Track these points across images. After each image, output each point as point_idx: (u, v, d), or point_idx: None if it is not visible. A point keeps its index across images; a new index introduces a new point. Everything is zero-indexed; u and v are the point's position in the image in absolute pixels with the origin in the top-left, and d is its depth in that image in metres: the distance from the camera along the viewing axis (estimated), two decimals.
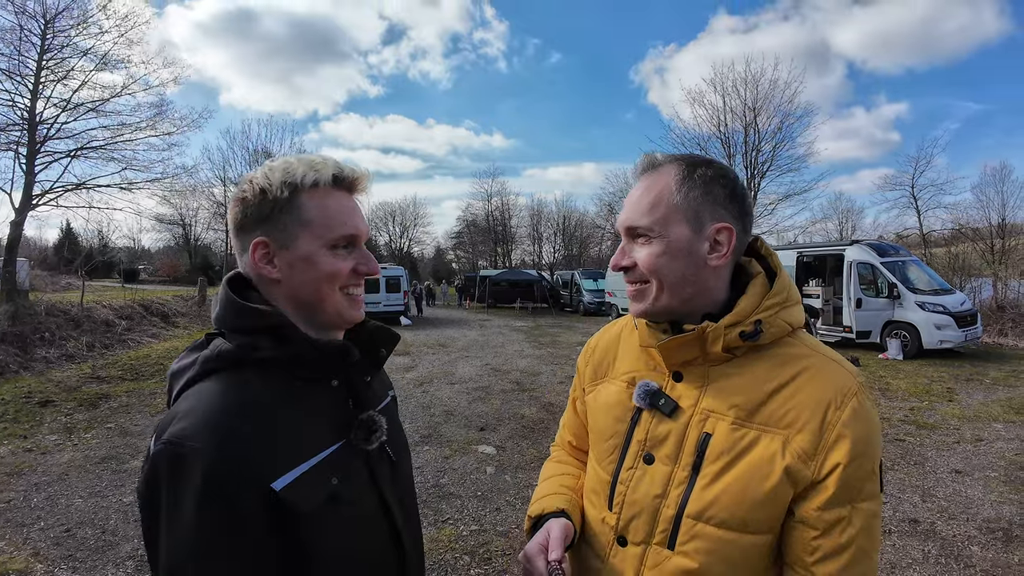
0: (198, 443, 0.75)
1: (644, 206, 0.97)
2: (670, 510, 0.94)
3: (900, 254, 13.51)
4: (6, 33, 14.31)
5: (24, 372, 10.17)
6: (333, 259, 0.92)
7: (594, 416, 1.13)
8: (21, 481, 5.18)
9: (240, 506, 0.76)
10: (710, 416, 0.94)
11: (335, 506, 0.86)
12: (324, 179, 0.93)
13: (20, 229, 15.52)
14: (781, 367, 0.94)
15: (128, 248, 49.76)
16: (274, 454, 0.81)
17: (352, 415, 0.95)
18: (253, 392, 0.85)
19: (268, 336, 0.87)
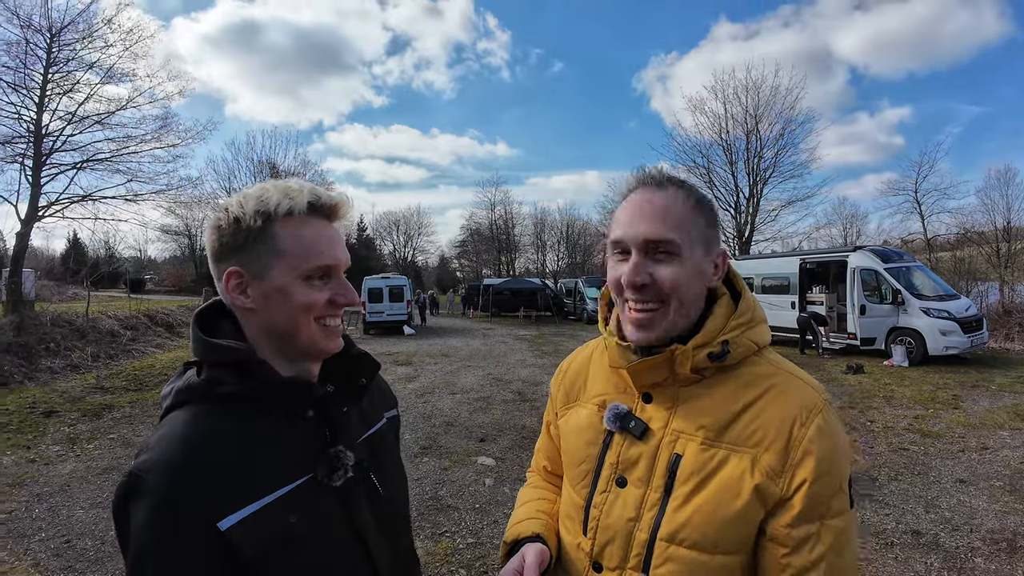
0: (152, 479, 0.76)
1: (670, 222, 0.92)
2: (643, 534, 0.93)
3: (904, 259, 13.45)
4: (11, 46, 14.49)
5: (29, 382, 10.22)
6: (308, 290, 0.89)
7: (567, 440, 1.12)
8: (23, 492, 5.20)
9: (182, 544, 0.76)
10: (680, 437, 0.94)
11: (291, 546, 0.82)
12: (299, 207, 0.90)
13: (26, 240, 15.65)
14: (748, 386, 0.94)
15: (134, 258, 50.06)
16: (225, 492, 0.79)
17: (324, 449, 0.91)
18: (215, 427, 0.84)
19: (232, 371, 0.86)
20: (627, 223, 0.94)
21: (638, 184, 0.98)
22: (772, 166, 26.97)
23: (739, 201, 27.69)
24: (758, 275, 15.96)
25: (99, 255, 38.92)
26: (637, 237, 0.93)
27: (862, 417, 7.33)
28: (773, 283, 15.49)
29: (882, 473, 5.23)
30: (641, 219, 0.93)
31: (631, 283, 0.93)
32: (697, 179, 28.36)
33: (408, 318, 22.73)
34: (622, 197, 1.00)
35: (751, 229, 27.10)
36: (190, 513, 0.76)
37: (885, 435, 6.48)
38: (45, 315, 13.53)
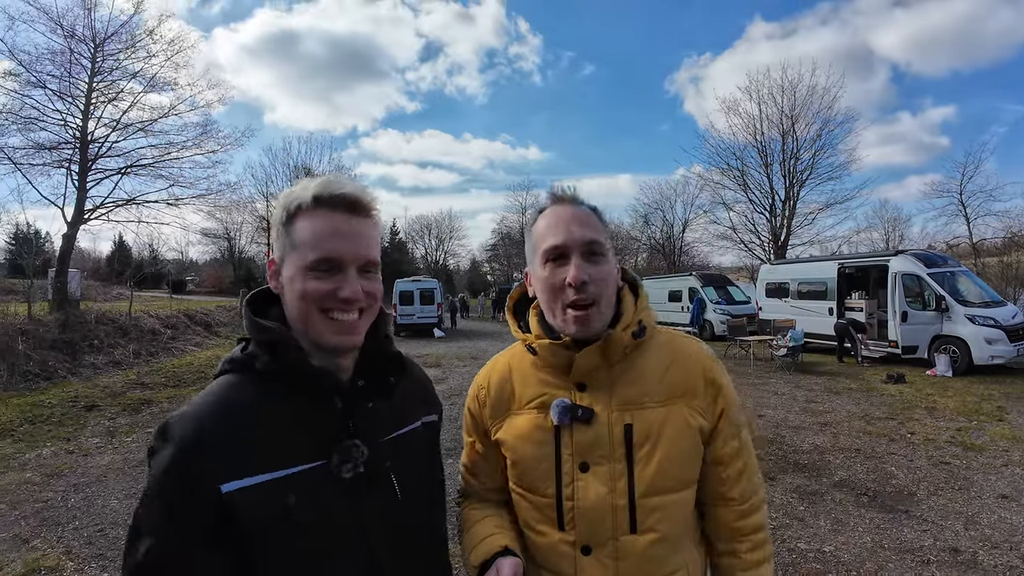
0: (176, 430, 0.84)
1: (593, 228, 1.10)
2: (621, 500, 1.05)
3: (948, 264, 12.91)
4: (56, 56, 15.18)
5: (72, 377, 10.62)
6: (310, 281, 0.91)
7: (515, 449, 1.15)
8: (61, 482, 5.41)
9: (182, 493, 0.81)
10: (626, 409, 1.08)
11: (286, 522, 0.85)
12: (305, 201, 0.93)
13: (72, 242, 16.33)
14: (661, 351, 1.14)
15: (176, 260, 51.62)
16: (236, 457, 0.84)
17: (342, 439, 0.93)
18: (243, 397, 0.90)
19: (267, 349, 0.91)
20: (564, 230, 1.08)
21: (555, 201, 1.15)
22: (809, 168, 26.30)
23: (774, 204, 27.06)
24: (794, 280, 15.58)
25: (143, 257, 40.25)
26: (576, 241, 1.07)
27: (902, 429, 7.06)
28: (810, 288, 15.09)
29: (921, 488, 5.02)
30: (575, 227, 1.08)
31: (576, 279, 1.04)
32: (731, 181, 27.94)
33: (438, 321, 22.92)
34: (537, 214, 1.16)
35: (787, 233, 26.46)
36: (197, 468, 0.82)
37: (925, 448, 6.24)
38: (90, 313, 14.08)
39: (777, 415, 7.90)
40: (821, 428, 7.17)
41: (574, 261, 1.06)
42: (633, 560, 1.06)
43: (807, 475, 5.41)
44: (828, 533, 4.15)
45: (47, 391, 9.54)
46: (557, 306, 1.09)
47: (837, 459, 5.89)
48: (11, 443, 6.72)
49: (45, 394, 9.28)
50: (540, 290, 1.13)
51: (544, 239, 1.10)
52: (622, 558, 1.06)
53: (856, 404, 8.54)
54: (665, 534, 1.07)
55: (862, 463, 5.74)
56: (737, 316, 16.47)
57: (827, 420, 7.56)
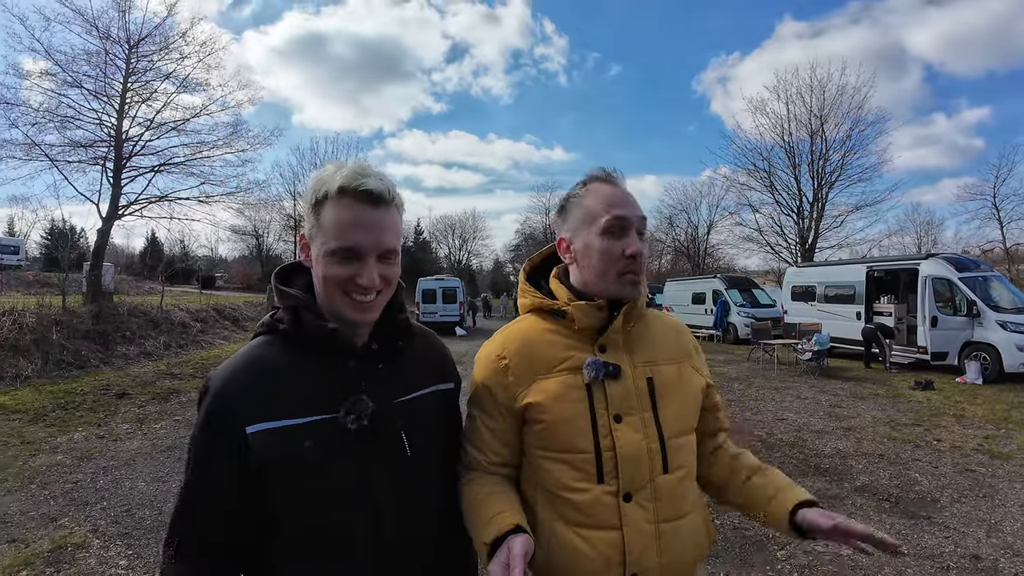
0: (213, 383, 1.02)
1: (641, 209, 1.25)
2: (654, 444, 1.18)
3: (981, 269, 12.52)
4: (92, 56, 15.61)
5: (104, 367, 10.96)
6: (331, 265, 1.01)
7: (550, 410, 1.18)
8: (90, 464, 5.60)
9: (217, 434, 0.99)
10: (645, 365, 1.24)
11: (299, 465, 0.98)
12: (331, 190, 1.01)
13: (106, 237, 16.79)
14: (659, 322, 1.34)
15: (206, 256, 52.76)
16: (260, 404, 0.99)
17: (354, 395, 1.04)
18: (270, 355, 1.04)
19: (289, 313, 1.05)
20: (629, 206, 1.22)
21: (607, 179, 1.26)
22: (838, 169, 25.79)
23: (802, 206, 26.61)
24: (821, 283, 15.31)
25: (174, 253, 41.28)
26: (637, 217, 1.22)
27: (928, 436, 6.90)
28: (837, 292, 14.81)
29: (944, 495, 4.91)
30: (631, 204, 1.23)
31: (637, 251, 1.19)
32: (758, 183, 27.52)
33: (460, 319, 23.07)
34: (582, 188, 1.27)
35: (815, 235, 25.97)
36: (229, 411, 0.99)
37: (951, 455, 6.09)
38: (123, 306, 14.50)
39: (800, 419, 7.79)
40: (845, 433, 7.05)
41: (633, 235, 1.21)
42: (667, 499, 1.18)
43: (828, 479, 5.33)
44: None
45: (80, 379, 9.86)
46: (612, 272, 1.21)
47: (860, 464, 5.78)
48: (43, 427, 6.97)
49: (78, 382, 9.60)
50: (597, 258, 1.22)
51: (608, 210, 1.20)
52: (659, 498, 1.17)
53: (882, 410, 8.37)
54: (688, 471, 1.24)
55: (885, 468, 5.63)
56: (762, 319, 16.26)
57: (851, 425, 7.42)
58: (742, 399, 9.16)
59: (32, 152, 15.18)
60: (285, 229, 42.91)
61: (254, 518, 1.00)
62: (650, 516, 1.16)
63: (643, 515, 1.15)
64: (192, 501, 1.01)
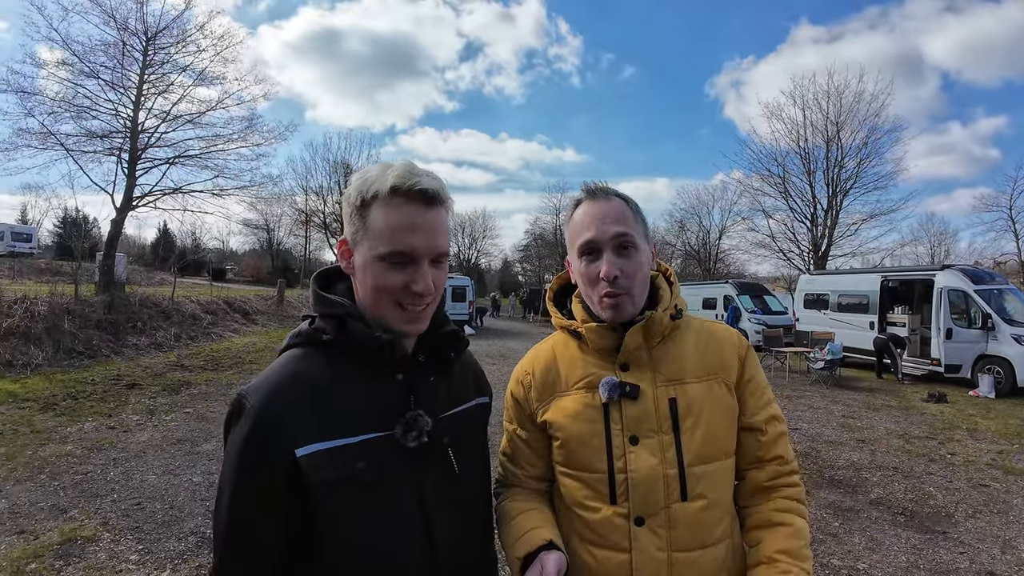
0: (252, 400, 0.90)
1: (623, 221, 1.16)
2: (672, 470, 1.11)
3: (996, 282, 12.39)
4: (109, 47, 15.73)
5: (115, 357, 11.02)
6: (383, 272, 0.93)
7: (565, 428, 1.18)
8: (101, 456, 5.61)
9: (263, 461, 0.88)
10: (669, 385, 1.16)
11: (352, 486, 0.90)
12: (383, 191, 0.92)
13: (120, 227, 16.91)
14: (694, 333, 1.23)
15: (217, 249, 53.09)
16: (308, 424, 0.90)
17: (406, 411, 0.97)
18: (313, 369, 0.95)
19: (334, 323, 0.96)
20: (595, 227, 1.15)
21: (588, 196, 1.20)
22: (854, 177, 25.53)
23: (816, 213, 26.39)
24: (834, 291, 15.19)
25: (186, 245, 41.58)
26: (607, 237, 1.14)
27: (942, 449, 6.82)
28: (850, 301, 14.68)
29: (959, 510, 4.85)
30: (605, 223, 1.15)
31: (608, 274, 1.12)
32: (771, 188, 27.33)
33: (469, 318, 23.06)
34: (572, 209, 1.23)
35: (828, 243, 25.76)
36: (274, 434, 0.88)
37: (965, 469, 6.01)
38: (134, 296, 14.58)
39: (812, 429, 7.71)
40: (858, 444, 6.98)
41: (606, 256, 1.14)
42: (684, 528, 1.11)
43: (843, 491, 5.27)
44: (863, 551, 4.03)
45: (90, 368, 9.92)
46: (594, 295, 1.17)
47: (874, 476, 5.72)
48: (53, 416, 7.01)
49: (88, 371, 9.65)
50: (579, 281, 1.21)
51: (579, 234, 1.17)
52: (674, 526, 1.11)
53: (895, 422, 8.28)
54: (712, 501, 1.13)
55: (900, 482, 5.56)
56: (773, 326, 16.12)
57: (864, 437, 7.35)
58: None
59: (48, 141, 15.33)
60: (296, 224, 43.10)
61: (296, 542, 0.92)
62: (662, 543, 1.11)
63: (655, 541, 1.11)
64: (241, 544, 0.90)
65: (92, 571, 3.44)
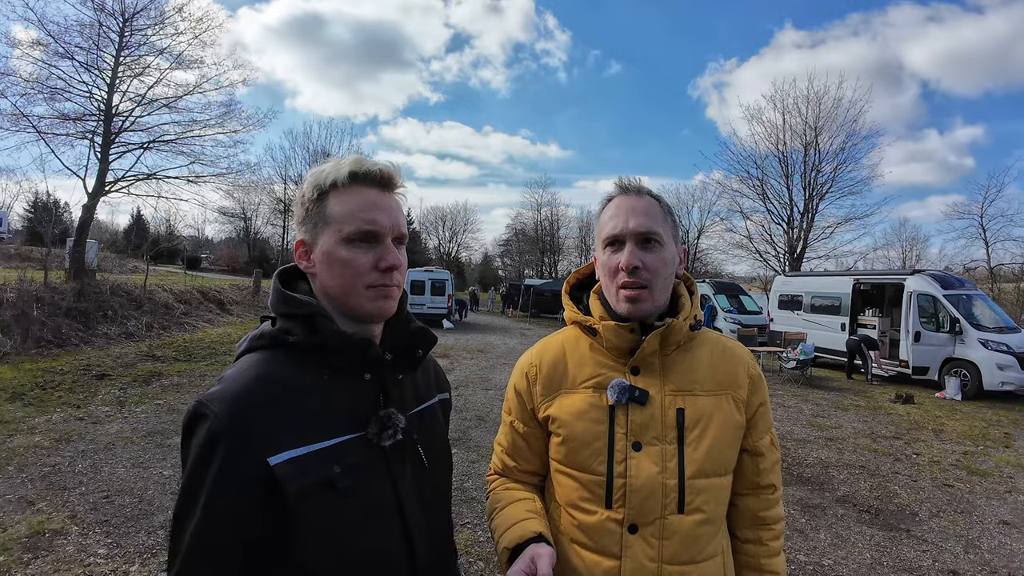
0: (216, 408, 0.84)
1: (652, 217, 1.16)
2: (672, 480, 1.11)
3: (965, 287, 12.74)
4: (85, 28, 15.28)
5: (85, 346, 10.77)
6: (351, 252, 0.94)
7: (568, 426, 1.17)
8: (69, 447, 5.49)
9: (233, 472, 0.83)
10: (678, 395, 1.15)
11: (329, 492, 0.88)
12: (341, 178, 0.95)
13: (91, 213, 16.49)
14: (709, 347, 1.23)
15: (192, 237, 52.06)
16: (279, 431, 0.86)
17: (377, 410, 0.96)
18: (280, 372, 0.91)
19: (302, 323, 0.94)
20: (622, 219, 1.16)
21: (621, 191, 1.21)
22: (830, 181, 25.96)
23: (793, 216, 26.81)
24: (807, 293, 15.48)
25: (160, 232, 40.67)
26: (631, 229, 1.15)
27: (908, 449, 7.01)
28: (823, 303, 14.99)
29: (923, 509, 4.99)
30: (633, 216, 1.15)
31: (627, 264, 1.12)
32: (750, 190, 27.68)
33: (448, 312, 23.00)
34: (603, 204, 1.23)
35: (804, 245, 26.21)
36: (245, 443, 0.84)
37: (930, 469, 6.19)
38: (105, 284, 14.27)
39: (783, 427, 7.87)
40: (827, 443, 7.14)
41: (628, 247, 1.14)
42: (678, 540, 1.10)
43: (810, 488, 5.39)
44: (828, 547, 4.14)
45: (59, 358, 9.68)
46: (612, 287, 1.17)
47: (841, 474, 5.86)
48: (22, 407, 6.83)
49: (57, 360, 9.42)
50: (600, 273, 1.21)
51: (605, 226, 1.19)
52: (667, 537, 1.10)
53: (863, 422, 8.48)
54: (709, 516, 1.13)
55: (866, 480, 5.71)
56: (748, 326, 16.39)
57: (833, 435, 7.52)
58: None
59: (19, 123, 14.84)
60: (274, 213, 42.47)
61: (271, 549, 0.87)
62: (654, 554, 1.10)
63: (647, 551, 1.10)
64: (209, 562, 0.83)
65: (60, 564, 3.37)
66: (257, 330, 0.99)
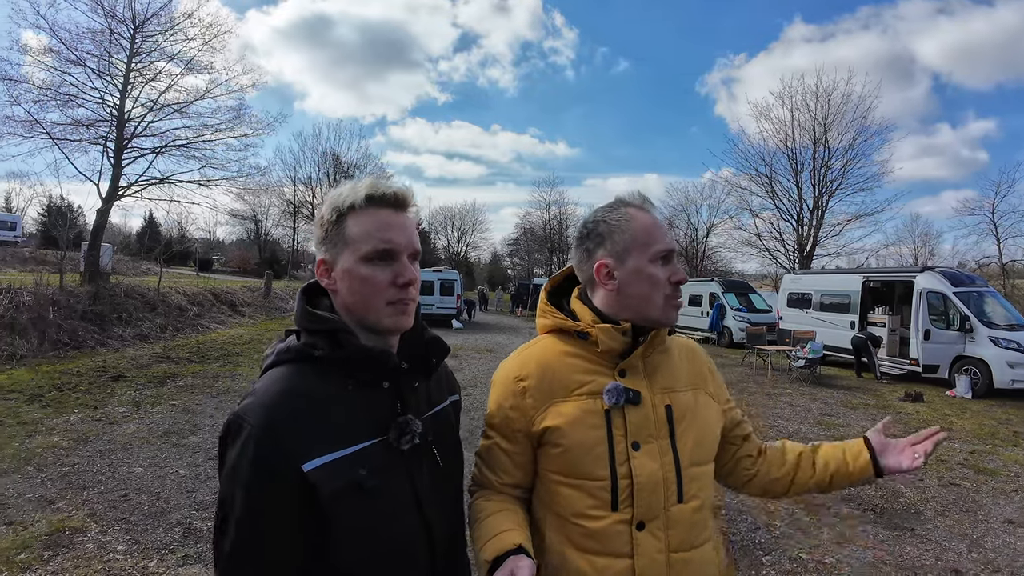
0: (251, 419, 0.92)
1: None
2: (670, 473, 1.18)
3: (976, 284, 12.63)
4: (97, 35, 15.56)
5: (101, 348, 10.97)
6: (369, 270, 1.01)
7: (568, 435, 1.18)
8: (87, 447, 5.63)
9: (272, 481, 0.91)
10: (664, 392, 1.24)
11: (358, 493, 0.96)
12: (358, 200, 1.02)
13: (105, 217, 16.77)
14: (677, 347, 1.33)
15: (204, 239, 52.49)
16: (310, 439, 0.94)
17: (395, 417, 1.04)
18: (307, 384, 0.99)
19: (326, 338, 1.01)
20: (669, 237, 1.26)
21: (647, 205, 1.28)
22: (840, 177, 25.85)
23: (802, 213, 26.70)
24: (817, 291, 15.41)
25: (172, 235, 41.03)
26: (674, 247, 1.26)
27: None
28: (833, 300, 14.91)
29: (928, 507, 5.01)
30: (670, 234, 1.27)
31: (684, 279, 1.24)
32: (759, 188, 27.57)
33: (457, 312, 23.10)
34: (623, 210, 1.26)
35: (813, 243, 26.09)
36: (280, 453, 0.92)
37: (936, 468, 6.18)
38: (119, 287, 14.48)
39: (790, 426, 7.88)
40: (833, 442, 7.12)
41: (676, 263, 1.26)
42: (680, 528, 1.18)
43: None
44: (831, 545, 4.17)
45: (76, 360, 9.88)
46: (658, 297, 1.22)
47: None
48: (40, 408, 7.00)
49: (74, 362, 9.62)
50: (646, 284, 1.21)
51: (657, 240, 1.22)
52: (672, 527, 1.17)
53: (871, 420, 8.45)
54: (703, 502, 1.23)
55: None
56: (757, 324, 16.34)
57: (841, 434, 7.51)
58: None
59: (33, 129, 15.17)
60: (284, 215, 42.85)
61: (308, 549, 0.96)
62: (662, 546, 1.15)
63: (655, 544, 1.15)
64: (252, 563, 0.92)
65: (80, 561, 3.49)
66: (284, 343, 1.06)
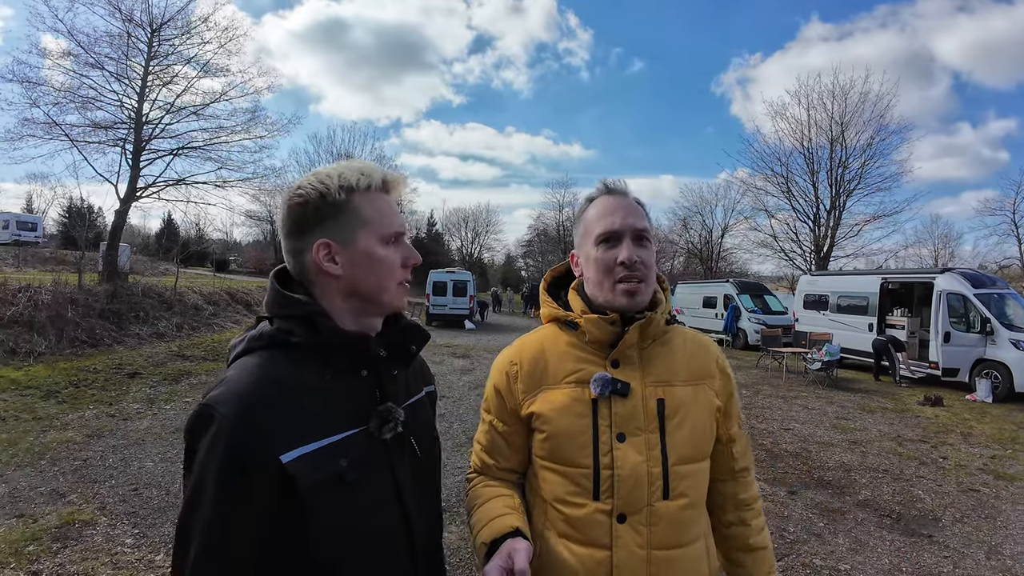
0: (224, 409, 0.86)
1: (642, 217, 1.24)
2: (656, 468, 1.15)
3: (996, 286, 12.36)
4: (114, 39, 15.82)
5: (117, 346, 11.12)
6: (387, 252, 1.02)
7: (552, 422, 1.19)
8: (100, 442, 5.70)
9: (247, 472, 0.85)
10: (657, 385, 1.20)
11: (339, 485, 0.92)
12: (375, 183, 1.03)
13: (123, 218, 17.03)
14: (682, 340, 1.28)
15: (221, 240, 53.12)
16: (288, 429, 0.89)
17: (375, 405, 1.01)
18: (282, 372, 0.93)
19: (302, 323, 0.96)
20: (619, 217, 1.21)
21: (608, 191, 1.27)
22: (857, 177, 25.43)
23: (819, 213, 26.33)
24: (834, 292, 15.19)
25: (190, 235, 41.60)
26: (629, 226, 1.21)
27: (934, 453, 6.85)
28: (850, 302, 14.69)
29: (947, 514, 4.88)
30: (628, 214, 1.22)
31: (629, 258, 1.18)
32: (775, 188, 27.28)
33: (470, 313, 23.12)
34: (586, 205, 1.30)
35: (830, 244, 25.71)
36: (256, 444, 0.86)
37: (956, 474, 6.04)
38: (137, 286, 14.68)
39: (805, 430, 7.76)
40: (850, 446, 7.01)
41: (626, 243, 1.20)
42: (665, 525, 1.14)
43: (830, 492, 5.31)
44: (846, 552, 4.08)
45: (93, 357, 10.01)
46: (608, 282, 1.20)
47: (863, 478, 5.76)
48: (55, 404, 7.10)
49: (91, 360, 9.75)
50: (592, 269, 1.23)
51: (599, 222, 1.22)
52: (655, 523, 1.14)
53: (889, 424, 8.31)
54: (692, 501, 1.19)
55: (889, 484, 5.61)
56: (772, 326, 16.15)
57: (857, 438, 7.38)
58: (749, 407, 9.12)
59: (53, 131, 15.44)
60: None
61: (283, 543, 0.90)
62: (643, 541, 1.13)
63: (636, 539, 1.13)
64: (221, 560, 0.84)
65: (88, 553, 3.51)
66: (255, 331, 1.00)
